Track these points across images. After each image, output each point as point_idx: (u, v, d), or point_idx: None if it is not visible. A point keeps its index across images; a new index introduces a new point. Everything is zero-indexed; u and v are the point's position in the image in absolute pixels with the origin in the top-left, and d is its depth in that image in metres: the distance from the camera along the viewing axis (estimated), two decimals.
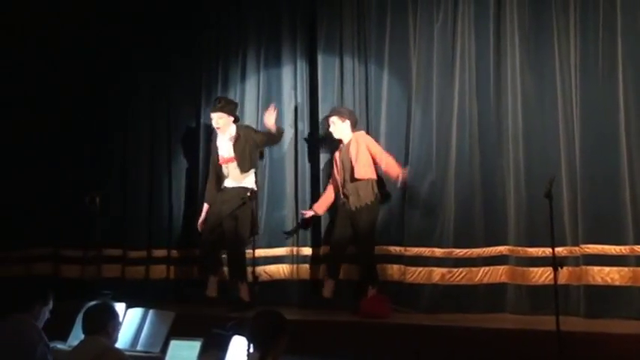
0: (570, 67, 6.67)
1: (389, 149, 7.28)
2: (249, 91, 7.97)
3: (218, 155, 7.39)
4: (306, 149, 7.73)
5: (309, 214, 7.40)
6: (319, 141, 7.63)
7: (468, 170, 6.98)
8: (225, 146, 7.35)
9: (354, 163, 7.04)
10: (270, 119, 7.33)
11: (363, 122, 7.45)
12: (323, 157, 7.62)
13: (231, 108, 7.44)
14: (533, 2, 6.87)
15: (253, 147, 7.36)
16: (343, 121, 7.19)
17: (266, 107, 7.58)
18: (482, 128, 7.01)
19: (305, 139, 7.72)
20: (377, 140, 7.32)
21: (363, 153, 7.06)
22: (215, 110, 7.35)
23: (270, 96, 7.88)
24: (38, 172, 8.60)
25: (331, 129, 7.23)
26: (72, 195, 8.13)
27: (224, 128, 7.36)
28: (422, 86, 7.23)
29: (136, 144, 8.50)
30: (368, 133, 7.37)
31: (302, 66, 7.79)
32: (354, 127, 7.25)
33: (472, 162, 6.98)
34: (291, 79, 7.82)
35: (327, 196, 7.34)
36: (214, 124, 7.36)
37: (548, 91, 6.77)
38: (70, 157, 8.59)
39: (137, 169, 8.47)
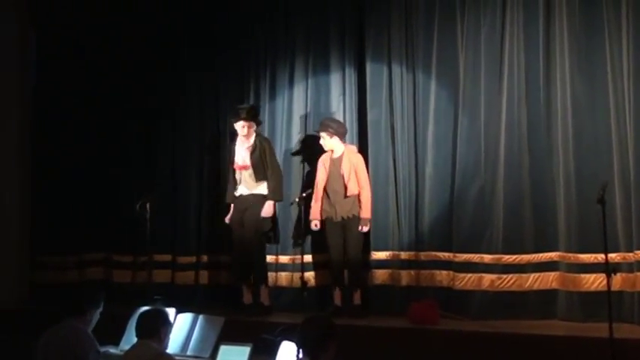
0: (623, 71, 6.56)
1: (437, 154, 7.29)
2: (297, 96, 8.00)
3: (233, 160, 7.47)
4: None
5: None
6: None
7: (517, 175, 6.92)
8: (242, 153, 7.43)
9: (346, 181, 7.13)
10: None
11: (411, 128, 7.44)
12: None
13: (255, 114, 7.55)
14: (583, 6, 6.77)
15: (266, 159, 7.43)
16: (331, 137, 7.22)
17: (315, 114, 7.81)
18: (532, 133, 6.94)
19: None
20: (424, 145, 7.34)
21: (354, 174, 7.16)
22: (241, 119, 7.40)
23: (319, 102, 7.90)
24: (90, 179, 8.75)
25: (321, 142, 7.26)
26: (123, 201, 8.23)
27: (248, 135, 7.43)
28: (470, 91, 7.19)
29: (185, 150, 8.57)
30: (415, 139, 7.40)
31: (350, 72, 7.79)
32: (344, 138, 7.32)
33: (521, 167, 6.92)
34: (339, 85, 7.82)
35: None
36: (241, 132, 7.41)
37: (599, 95, 6.68)
38: (121, 164, 8.71)
39: (186, 175, 8.54)
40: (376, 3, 7.72)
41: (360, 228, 7.10)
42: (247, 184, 7.42)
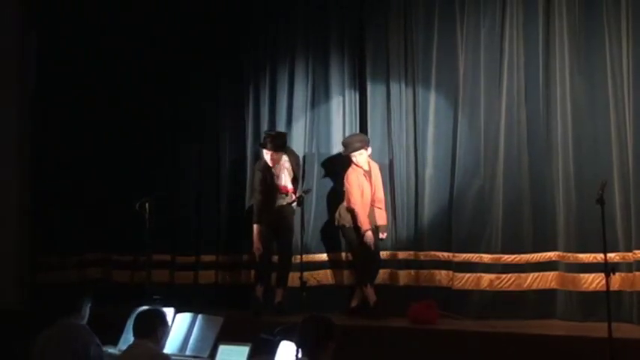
0: (622, 71, 6.57)
1: (436, 154, 7.32)
2: (297, 96, 7.99)
3: (276, 184, 7.39)
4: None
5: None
6: None
7: (516, 175, 6.93)
8: (283, 177, 7.43)
9: (377, 193, 7.22)
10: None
11: (411, 128, 7.45)
12: None
13: (280, 144, 7.41)
14: (583, 6, 6.77)
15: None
16: (367, 150, 7.22)
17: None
18: (531, 133, 6.95)
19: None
20: (424, 145, 7.37)
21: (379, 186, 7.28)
22: (269, 149, 7.33)
23: (319, 102, 7.92)
24: (89, 179, 8.75)
25: (359, 158, 7.15)
26: (123, 201, 8.22)
27: (276, 162, 7.40)
28: (469, 92, 7.20)
29: (184, 151, 8.57)
30: (415, 139, 7.42)
31: (350, 72, 7.79)
32: None
33: (521, 167, 6.93)
34: (339, 85, 7.81)
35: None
36: (269, 161, 7.35)
37: (599, 96, 6.68)
38: (121, 164, 8.70)
39: (185, 175, 8.54)
40: (376, 2, 7.73)
41: (381, 235, 7.23)
42: (290, 198, 7.39)
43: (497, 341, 6.05)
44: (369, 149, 7.23)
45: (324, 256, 7.70)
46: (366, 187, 7.16)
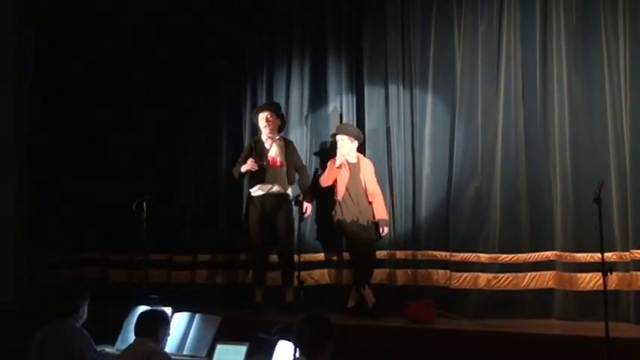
0: (620, 70, 6.56)
1: (434, 155, 7.31)
2: (295, 93, 8.02)
3: (268, 157, 7.37)
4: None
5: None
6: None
7: (513, 175, 6.93)
8: (275, 150, 7.40)
9: (366, 187, 7.21)
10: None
11: (408, 128, 7.45)
12: None
13: (279, 108, 7.56)
14: (580, 5, 6.77)
15: (294, 159, 7.52)
16: (352, 142, 7.24)
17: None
18: (529, 132, 6.95)
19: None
20: (421, 145, 7.37)
21: (371, 179, 7.28)
22: (263, 109, 7.45)
23: (315, 101, 7.93)
24: (87, 178, 8.75)
25: (339, 145, 7.22)
26: (120, 200, 8.21)
27: (272, 130, 7.40)
28: (467, 91, 7.19)
29: (181, 150, 8.58)
30: (412, 139, 7.44)
31: (347, 73, 7.80)
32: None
33: (518, 166, 6.93)
34: (336, 85, 7.82)
35: None
36: (263, 122, 7.38)
37: (596, 95, 6.68)
38: (118, 163, 8.70)
39: (183, 174, 8.55)
40: (373, 2, 7.73)
41: (381, 230, 7.19)
42: (281, 183, 7.39)
43: (494, 341, 6.05)
44: (355, 142, 7.25)
45: (321, 256, 7.70)
46: (346, 177, 7.16)
